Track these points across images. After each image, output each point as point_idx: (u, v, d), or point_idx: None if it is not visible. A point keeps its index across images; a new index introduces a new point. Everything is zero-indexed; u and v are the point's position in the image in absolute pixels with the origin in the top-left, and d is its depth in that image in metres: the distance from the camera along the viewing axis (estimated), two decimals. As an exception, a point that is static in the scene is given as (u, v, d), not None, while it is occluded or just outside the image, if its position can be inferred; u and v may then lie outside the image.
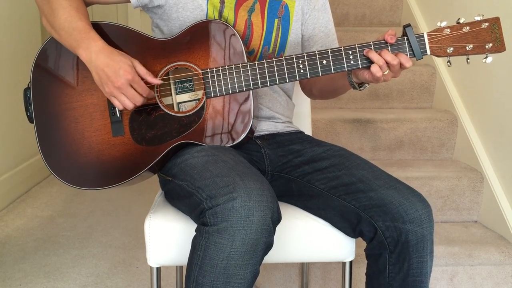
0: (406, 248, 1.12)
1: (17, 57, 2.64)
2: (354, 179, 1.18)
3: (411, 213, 1.10)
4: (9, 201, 2.60)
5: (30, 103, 1.24)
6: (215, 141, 1.21)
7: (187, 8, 1.27)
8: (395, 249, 1.13)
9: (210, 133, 1.21)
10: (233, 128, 1.21)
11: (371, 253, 1.19)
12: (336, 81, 1.32)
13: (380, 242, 1.14)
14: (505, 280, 1.82)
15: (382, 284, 1.17)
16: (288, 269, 1.79)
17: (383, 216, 1.12)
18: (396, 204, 1.11)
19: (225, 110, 1.21)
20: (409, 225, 1.10)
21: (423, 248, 1.12)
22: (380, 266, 1.17)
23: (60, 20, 1.18)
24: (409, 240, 1.11)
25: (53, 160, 1.22)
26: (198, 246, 1.01)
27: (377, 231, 1.13)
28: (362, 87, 1.24)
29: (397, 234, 1.11)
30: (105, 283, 1.85)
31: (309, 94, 1.50)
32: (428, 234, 1.12)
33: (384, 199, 1.12)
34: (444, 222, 2.04)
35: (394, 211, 1.11)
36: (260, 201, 0.99)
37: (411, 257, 1.12)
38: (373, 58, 1.13)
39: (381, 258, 1.16)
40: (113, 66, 1.12)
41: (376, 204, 1.13)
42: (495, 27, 1.11)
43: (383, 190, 1.14)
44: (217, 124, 1.21)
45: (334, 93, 1.42)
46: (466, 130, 2.19)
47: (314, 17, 1.38)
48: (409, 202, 1.12)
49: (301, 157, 1.28)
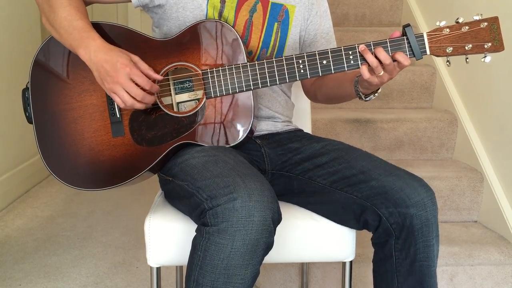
0: (411, 233, 1.12)
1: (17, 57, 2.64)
2: (355, 171, 1.18)
3: (414, 197, 1.11)
4: (9, 201, 2.60)
5: (29, 104, 1.24)
6: (215, 141, 1.21)
7: (187, 7, 1.27)
8: (400, 234, 1.13)
9: (210, 133, 1.21)
10: (233, 128, 1.21)
11: (378, 242, 1.19)
12: (342, 89, 1.32)
13: (385, 229, 1.14)
14: (505, 280, 1.82)
15: (389, 270, 1.17)
16: (288, 269, 1.79)
17: (386, 203, 1.12)
18: (398, 189, 1.12)
19: (225, 110, 1.21)
20: (412, 209, 1.10)
21: (428, 232, 1.12)
22: (386, 253, 1.17)
23: (60, 19, 1.18)
24: (413, 224, 1.11)
25: (52, 161, 1.22)
26: (198, 246, 1.01)
27: (382, 218, 1.13)
28: (368, 98, 1.24)
29: (402, 219, 1.11)
30: (105, 283, 1.85)
31: (313, 98, 1.50)
32: (432, 218, 1.12)
33: (385, 186, 1.13)
34: (444, 222, 2.04)
35: (396, 196, 1.11)
36: (260, 201, 0.99)
37: (417, 241, 1.12)
38: (368, 59, 1.12)
39: (387, 245, 1.16)
40: (111, 61, 1.12)
41: (378, 192, 1.13)
42: (494, 26, 1.11)
43: (383, 178, 1.14)
44: (218, 125, 1.21)
45: (339, 100, 1.42)
46: (466, 130, 2.19)
47: (315, 23, 1.38)
48: (410, 187, 1.12)
49: (300, 154, 1.29)
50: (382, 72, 1.13)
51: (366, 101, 1.26)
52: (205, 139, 1.21)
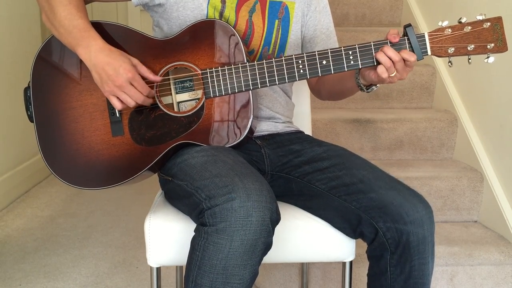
0: (407, 250, 1.11)
1: (17, 56, 2.64)
2: (355, 179, 1.17)
3: (412, 214, 1.10)
4: (9, 201, 2.60)
5: (30, 102, 1.24)
6: (215, 141, 1.21)
7: (188, 7, 1.27)
8: (396, 250, 1.12)
9: (210, 133, 1.21)
10: (232, 128, 1.21)
11: (373, 255, 1.19)
12: (344, 83, 1.32)
13: (381, 243, 1.14)
14: (505, 280, 1.81)
15: (383, 285, 1.17)
16: (288, 269, 1.79)
17: (384, 217, 1.11)
18: (397, 205, 1.11)
19: (224, 110, 1.21)
20: (410, 226, 1.10)
21: (424, 249, 1.11)
22: (381, 268, 1.16)
23: (60, 17, 1.18)
24: (410, 241, 1.10)
25: (53, 160, 1.22)
26: (197, 246, 1.01)
27: (378, 232, 1.13)
28: (369, 89, 1.24)
29: (398, 235, 1.11)
30: (105, 283, 1.85)
31: (318, 95, 1.50)
32: (429, 236, 1.11)
33: (384, 200, 1.12)
34: (444, 222, 2.04)
35: (394, 212, 1.11)
36: (259, 201, 0.99)
37: (413, 258, 1.12)
38: (381, 60, 1.12)
39: (383, 260, 1.15)
40: (113, 64, 1.12)
41: (377, 205, 1.12)
42: (497, 27, 1.10)
43: (383, 191, 1.13)
44: (217, 124, 1.21)
45: (342, 95, 1.42)
46: (466, 130, 2.19)
47: (315, 19, 1.38)
48: (409, 203, 1.11)
49: (301, 157, 1.28)
50: (395, 72, 1.13)
51: (368, 92, 1.26)
52: (204, 139, 1.21)
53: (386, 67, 1.12)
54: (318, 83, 1.45)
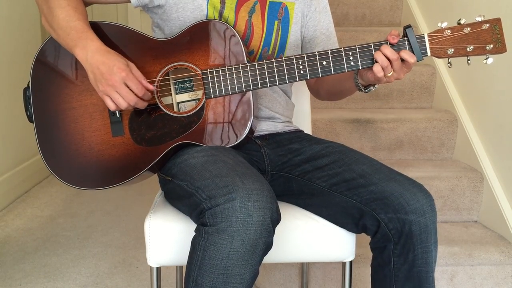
0: (410, 239, 1.12)
1: (17, 57, 2.64)
2: (355, 174, 1.18)
3: (413, 203, 1.11)
4: (9, 201, 2.60)
5: (30, 103, 1.24)
6: (215, 141, 1.21)
7: (187, 8, 1.27)
8: (399, 240, 1.13)
9: (210, 133, 1.21)
10: (233, 129, 1.21)
11: (376, 246, 1.19)
12: (343, 83, 1.32)
13: (384, 234, 1.14)
14: (505, 280, 1.82)
15: (387, 275, 1.18)
16: (288, 269, 1.79)
17: (385, 208, 1.12)
18: (397, 195, 1.12)
19: (224, 110, 1.21)
20: (411, 216, 1.10)
21: (427, 238, 1.12)
22: (385, 258, 1.17)
23: (58, 19, 1.18)
24: (412, 230, 1.11)
25: (53, 160, 1.22)
26: (197, 246, 1.01)
27: (380, 223, 1.13)
28: (367, 89, 1.24)
29: (401, 225, 1.11)
30: (105, 283, 1.85)
31: (316, 95, 1.50)
32: (431, 224, 1.12)
33: (385, 191, 1.13)
34: (444, 222, 2.04)
35: (395, 202, 1.11)
36: (259, 201, 0.99)
37: (416, 247, 1.12)
38: (377, 59, 1.13)
39: (386, 250, 1.16)
40: (107, 63, 1.12)
41: (378, 197, 1.13)
42: (496, 28, 1.11)
43: (383, 183, 1.14)
44: (217, 125, 1.21)
45: (340, 95, 1.42)
46: (466, 130, 2.19)
47: (315, 19, 1.38)
48: (410, 192, 1.12)
49: (300, 156, 1.29)
50: (391, 72, 1.14)
51: (366, 93, 1.26)
52: (204, 139, 1.21)
53: (383, 66, 1.12)
54: (317, 83, 1.45)
